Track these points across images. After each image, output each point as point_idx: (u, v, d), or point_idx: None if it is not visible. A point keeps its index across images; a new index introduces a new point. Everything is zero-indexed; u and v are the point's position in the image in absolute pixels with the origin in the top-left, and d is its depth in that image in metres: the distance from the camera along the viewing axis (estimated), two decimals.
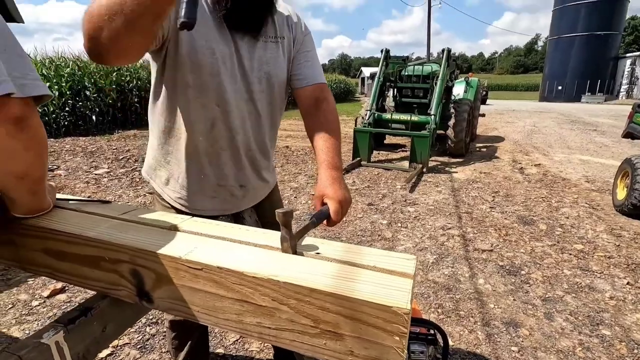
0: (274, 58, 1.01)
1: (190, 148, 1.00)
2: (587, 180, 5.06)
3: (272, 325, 0.58)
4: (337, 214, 0.84)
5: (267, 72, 1.00)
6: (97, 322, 0.70)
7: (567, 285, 2.37)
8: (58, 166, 5.29)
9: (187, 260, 0.60)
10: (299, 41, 1.07)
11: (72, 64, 9.50)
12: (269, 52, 1.00)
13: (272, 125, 1.11)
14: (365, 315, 0.51)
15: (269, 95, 1.04)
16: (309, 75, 1.06)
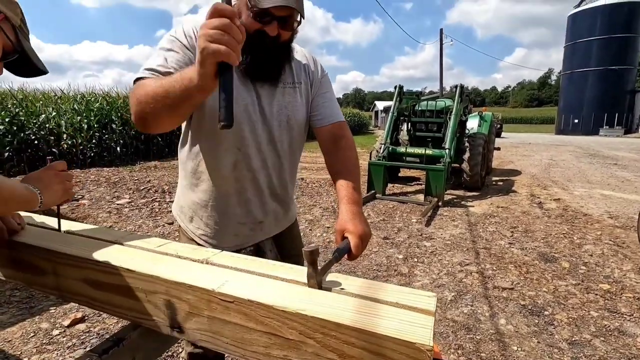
0: (292, 102, 1.09)
1: (214, 189, 1.08)
2: (610, 216, 4.91)
3: (299, 358, 0.60)
4: (357, 249, 0.87)
5: (287, 115, 1.08)
6: (127, 353, 0.73)
7: (594, 328, 2.27)
8: (82, 196, 5.49)
9: (219, 292, 0.64)
10: (316, 84, 1.15)
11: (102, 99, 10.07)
12: (287, 97, 1.08)
13: (292, 163, 1.17)
14: (389, 350, 0.53)
15: (289, 136, 1.11)
16: (327, 115, 1.13)
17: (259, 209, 1.13)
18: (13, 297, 2.47)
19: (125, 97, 10.97)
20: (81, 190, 5.91)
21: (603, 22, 31.80)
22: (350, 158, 1.09)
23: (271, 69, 1.03)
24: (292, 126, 1.10)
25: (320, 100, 1.15)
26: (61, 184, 0.82)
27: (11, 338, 2.03)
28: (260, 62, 0.99)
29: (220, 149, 1.04)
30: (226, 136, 1.02)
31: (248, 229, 1.13)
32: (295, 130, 1.12)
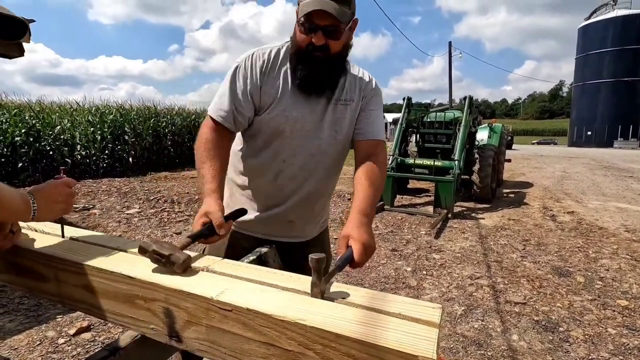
0: (342, 119, 1.14)
1: (256, 190, 1.20)
2: (627, 229, 4.77)
3: None
4: (360, 255, 0.85)
5: (335, 131, 1.14)
6: None
7: (612, 346, 2.17)
8: (94, 205, 5.57)
9: (217, 300, 0.63)
10: (366, 100, 1.18)
11: (115, 111, 10.30)
12: (338, 114, 1.13)
13: (336, 174, 1.25)
14: None
15: (336, 150, 1.17)
16: (368, 131, 1.16)
17: (294, 212, 1.20)
18: (21, 305, 2.49)
19: (138, 109, 11.20)
20: (92, 200, 6.00)
21: (615, 34, 31.58)
22: (373, 174, 1.08)
23: (324, 83, 1.09)
24: (339, 141, 1.16)
25: (365, 115, 1.17)
26: (62, 203, 0.81)
27: (17, 346, 2.04)
28: (312, 75, 1.05)
29: (267, 158, 1.15)
30: (275, 149, 1.12)
31: (279, 225, 1.21)
32: (342, 145, 1.17)
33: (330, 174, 1.22)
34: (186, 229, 4.47)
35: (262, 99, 1.10)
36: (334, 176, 1.25)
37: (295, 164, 1.14)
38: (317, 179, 1.18)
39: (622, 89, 31.37)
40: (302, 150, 1.13)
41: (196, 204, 5.83)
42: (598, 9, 34.42)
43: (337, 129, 1.14)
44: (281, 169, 1.14)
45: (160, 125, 11.03)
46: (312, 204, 1.23)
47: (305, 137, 1.12)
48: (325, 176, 1.20)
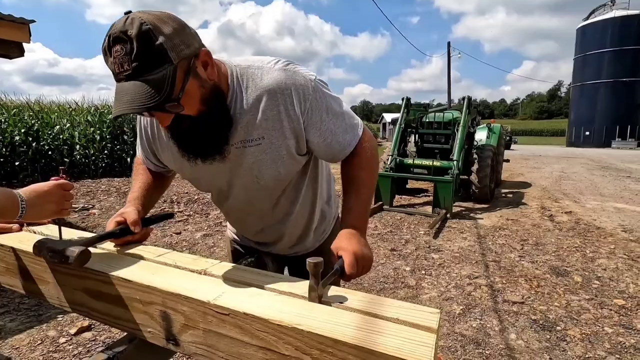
0: (258, 162, 0.90)
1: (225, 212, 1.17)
2: (624, 229, 4.78)
3: None
4: (351, 266, 0.76)
5: (256, 177, 0.93)
6: None
7: (609, 344, 2.19)
8: (93, 205, 5.56)
9: (215, 304, 0.63)
10: (299, 123, 0.88)
11: None
12: (248, 159, 0.90)
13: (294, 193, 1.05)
14: None
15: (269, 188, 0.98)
16: (336, 155, 0.96)
17: (273, 233, 1.13)
18: (22, 305, 2.49)
19: None
20: (92, 200, 5.99)
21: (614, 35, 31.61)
22: (357, 178, 0.95)
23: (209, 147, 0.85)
24: (264, 185, 0.95)
25: (317, 140, 0.91)
26: (55, 203, 0.81)
27: (19, 345, 2.04)
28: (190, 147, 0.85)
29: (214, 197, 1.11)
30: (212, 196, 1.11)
31: (252, 233, 1.18)
32: (272, 184, 0.96)
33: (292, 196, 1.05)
34: (186, 228, 4.47)
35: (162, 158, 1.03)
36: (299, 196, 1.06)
37: (239, 207, 1.06)
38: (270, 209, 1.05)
39: (620, 90, 31.43)
40: (234, 198, 1.02)
41: (195, 203, 5.83)
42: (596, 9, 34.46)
43: (258, 176, 0.92)
44: (231, 209, 1.10)
45: None
46: (287, 226, 1.10)
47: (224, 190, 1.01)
48: (278, 203, 1.04)
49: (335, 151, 0.94)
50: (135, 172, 1.10)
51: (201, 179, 1.00)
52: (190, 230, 4.40)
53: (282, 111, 0.85)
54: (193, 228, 4.50)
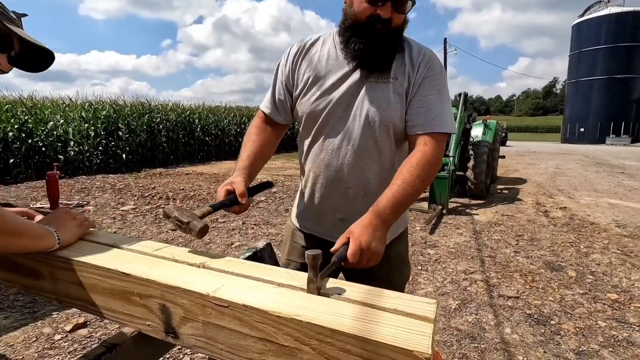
0: (379, 98, 1.00)
1: (305, 184, 1.17)
2: (618, 225, 4.84)
3: None
4: (354, 255, 0.77)
5: (368, 112, 1.01)
6: (121, 359, 0.72)
7: (602, 338, 2.22)
8: (88, 202, 5.53)
9: (214, 297, 0.63)
10: (416, 83, 1.01)
11: (109, 107, 10.20)
12: (375, 92, 1.00)
13: (382, 167, 1.06)
14: (387, 358, 0.51)
15: (372, 136, 1.02)
16: (419, 123, 0.99)
17: (341, 207, 1.09)
18: (16, 302, 2.48)
19: (132, 105, 11.10)
20: (87, 197, 5.95)
21: (608, 31, 31.75)
22: (407, 174, 0.93)
23: (383, 59, 0.99)
24: (374, 126, 1.01)
25: (417, 104, 1.00)
26: (74, 219, 0.86)
27: (13, 342, 2.03)
28: (371, 50, 0.96)
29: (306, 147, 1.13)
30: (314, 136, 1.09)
31: (330, 223, 1.13)
32: (381, 131, 1.01)
33: (379, 166, 1.05)
34: None
35: (295, 86, 1.10)
36: (383, 168, 1.06)
37: (334, 150, 1.05)
38: (354, 169, 1.05)
39: (614, 86, 31.64)
40: (335, 135, 1.04)
41: (192, 200, 5.81)
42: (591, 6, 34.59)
43: (373, 110, 1.00)
44: (317, 156, 1.09)
45: (155, 121, 10.95)
46: (358, 199, 1.07)
47: (338, 120, 1.04)
48: (364, 167, 1.05)
49: (425, 121, 0.99)
50: (246, 139, 1.14)
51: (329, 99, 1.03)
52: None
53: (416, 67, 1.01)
54: None
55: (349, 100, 1.03)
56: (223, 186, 0.95)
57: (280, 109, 1.14)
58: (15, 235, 0.70)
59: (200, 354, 1.88)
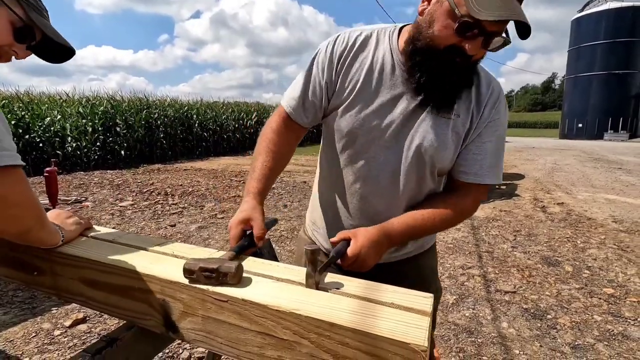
0: (435, 136, 0.87)
1: (326, 200, 1.04)
2: (614, 220, 4.87)
3: (293, 359, 0.59)
4: (351, 258, 0.78)
5: (422, 149, 0.87)
6: (121, 354, 0.73)
7: (597, 332, 2.24)
8: (86, 198, 5.52)
9: (213, 292, 0.64)
10: (479, 127, 0.89)
11: (106, 102, 10.15)
12: (435, 127, 0.87)
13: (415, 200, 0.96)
14: (384, 351, 0.52)
15: (418, 173, 0.91)
16: (470, 171, 0.90)
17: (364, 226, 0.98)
18: (16, 298, 2.48)
19: (129, 100, 11.04)
20: (85, 193, 5.94)
21: (607, 27, 31.69)
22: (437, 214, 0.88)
23: (451, 96, 0.85)
24: (423, 165, 0.89)
25: (474, 149, 0.89)
26: (71, 217, 0.88)
27: (13, 338, 2.04)
28: (441, 85, 0.82)
29: (334, 165, 0.97)
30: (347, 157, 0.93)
31: None
32: (428, 170, 0.90)
33: (410, 200, 0.94)
34: (180, 221, 4.46)
35: (337, 92, 0.92)
36: (415, 202, 0.95)
37: (366, 182, 0.93)
38: (391, 203, 0.94)
39: (613, 82, 31.63)
40: (375, 165, 0.91)
41: (190, 196, 5.81)
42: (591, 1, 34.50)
43: (428, 145, 0.87)
44: (349, 181, 0.95)
45: (152, 117, 10.90)
46: None
47: (382, 149, 0.89)
48: (401, 200, 0.94)
49: (478, 170, 0.90)
50: (263, 146, 0.96)
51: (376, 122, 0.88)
52: (184, 223, 4.40)
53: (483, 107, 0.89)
54: (188, 220, 4.50)
55: (399, 130, 0.88)
56: (239, 223, 0.83)
57: (309, 110, 0.95)
58: (45, 227, 0.74)
59: (199, 348, 1.89)
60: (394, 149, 0.89)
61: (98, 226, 0.97)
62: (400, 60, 0.88)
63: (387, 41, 0.91)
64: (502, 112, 0.91)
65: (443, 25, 0.77)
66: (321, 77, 0.92)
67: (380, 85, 0.89)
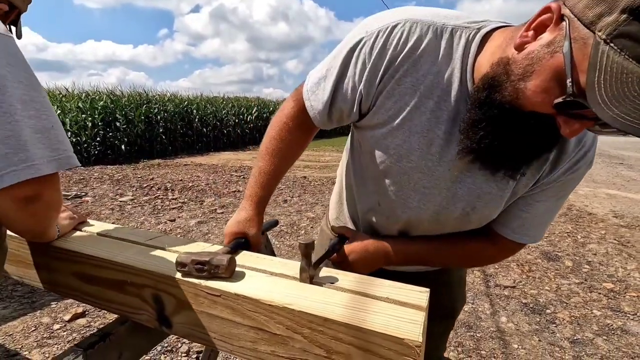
0: (490, 195, 0.70)
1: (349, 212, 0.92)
2: (615, 215, 4.85)
3: (286, 354, 0.59)
4: (342, 256, 0.80)
5: (474, 207, 0.71)
6: (114, 348, 0.72)
7: (597, 326, 2.24)
8: (86, 193, 5.53)
9: (206, 286, 0.63)
10: (543, 185, 0.70)
11: (106, 97, 10.13)
12: (490, 186, 0.69)
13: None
14: (377, 346, 0.52)
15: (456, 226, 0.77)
16: (507, 226, 0.75)
17: None
18: (15, 292, 2.49)
19: (129, 95, 11.01)
20: (85, 188, 5.95)
21: None
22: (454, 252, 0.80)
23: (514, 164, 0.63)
24: (465, 222, 0.75)
25: (521, 205, 0.73)
26: (64, 212, 0.88)
27: (12, 332, 2.05)
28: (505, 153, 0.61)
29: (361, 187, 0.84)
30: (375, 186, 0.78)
31: None
32: (473, 224, 0.76)
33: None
34: (180, 216, 4.46)
35: (374, 110, 0.70)
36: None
37: (395, 218, 0.79)
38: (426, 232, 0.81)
39: None
40: (409, 208, 0.75)
41: (190, 191, 5.80)
42: None
43: (478, 206, 0.71)
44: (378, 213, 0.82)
45: (152, 112, 10.88)
46: None
47: (419, 193, 0.72)
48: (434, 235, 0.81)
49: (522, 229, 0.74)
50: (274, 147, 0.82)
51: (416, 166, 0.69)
52: (184, 218, 4.40)
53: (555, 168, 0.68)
54: (187, 215, 4.50)
55: (443, 177, 0.70)
56: (234, 233, 0.80)
57: (334, 115, 0.76)
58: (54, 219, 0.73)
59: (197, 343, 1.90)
60: (432, 196, 0.72)
61: (93, 221, 0.96)
62: (472, 90, 0.63)
63: (460, 52, 0.64)
64: (580, 171, 0.69)
65: (543, 87, 0.53)
66: (356, 82, 0.69)
67: (436, 117, 0.66)
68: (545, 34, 0.53)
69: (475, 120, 0.61)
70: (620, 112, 0.45)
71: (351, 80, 0.70)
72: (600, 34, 0.46)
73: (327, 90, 0.73)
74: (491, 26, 0.65)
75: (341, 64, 0.71)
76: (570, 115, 0.52)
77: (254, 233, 0.81)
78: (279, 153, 0.82)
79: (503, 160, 0.63)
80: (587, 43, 0.47)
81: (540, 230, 0.76)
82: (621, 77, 0.45)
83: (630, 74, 0.45)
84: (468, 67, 0.63)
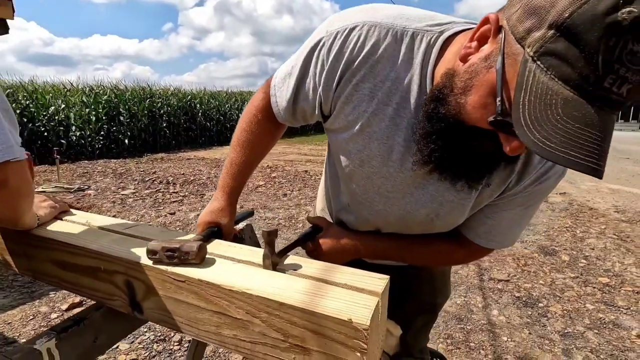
0: (452, 204, 0.70)
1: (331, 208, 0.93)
2: (617, 210, 4.82)
3: (247, 338, 0.61)
4: (314, 246, 0.82)
5: (437, 214, 0.72)
6: (89, 333, 0.75)
7: (589, 320, 2.24)
8: (89, 186, 5.60)
9: (172, 272, 0.65)
10: (509, 196, 0.70)
11: (110, 91, 10.19)
12: (451, 195, 0.69)
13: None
14: (329, 330, 0.53)
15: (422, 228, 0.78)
16: (474, 231, 0.76)
17: None
18: (15, 282, 2.55)
19: (133, 89, 11.07)
20: (88, 181, 6.02)
21: None
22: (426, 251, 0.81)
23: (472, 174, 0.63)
24: (429, 228, 0.76)
25: (488, 212, 0.73)
26: (45, 201, 0.90)
27: (11, 320, 2.10)
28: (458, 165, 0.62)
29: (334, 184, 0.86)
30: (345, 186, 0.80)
31: None
32: (438, 229, 0.77)
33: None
34: (180, 209, 4.51)
35: (334, 114, 0.70)
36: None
37: (363, 219, 0.81)
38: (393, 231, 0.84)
39: None
40: (374, 211, 0.77)
41: (191, 184, 5.85)
42: None
43: (433, 217, 0.72)
44: (348, 212, 0.84)
45: (156, 106, 10.94)
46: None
47: (383, 199, 0.73)
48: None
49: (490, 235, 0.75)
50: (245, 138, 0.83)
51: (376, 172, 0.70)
52: (184, 211, 4.44)
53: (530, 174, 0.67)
54: (187, 208, 4.54)
55: (406, 183, 0.70)
56: (207, 222, 0.82)
57: (298, 114, 0.78)
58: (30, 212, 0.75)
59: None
60: (395, 202, 0.73)
61: (75, 210, 0.99)
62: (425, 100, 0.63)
63: (420, 58, 0.62)
64: (549, 182, 0.68)
65: (480, 103, 0.52)
66: (316, 83, 0.69)
67: (395, 124, 0.65)
68: (486, 46, 0.51)
69: (426, 132, 0.60)
70: (542, 136, 0.43)
71: (312, 80, 0.70)
72: (528, 51, 0.44)
73: (290, 88, 0.74)
74: (455, 29, 0.62)
75: (303, 62, 0.71)
76: (509, 133, 0.49)
77: (226, 222, 0.84)
78: (249, 145, 0.83)
79: (460, 172, 0.62)
80: (517, 60, 0.45)
81: (508, 237, 0.77)
82: (545, 99, 0.43)
83: (554, 95, 0.42)
84: (428, 73, 0.62)
